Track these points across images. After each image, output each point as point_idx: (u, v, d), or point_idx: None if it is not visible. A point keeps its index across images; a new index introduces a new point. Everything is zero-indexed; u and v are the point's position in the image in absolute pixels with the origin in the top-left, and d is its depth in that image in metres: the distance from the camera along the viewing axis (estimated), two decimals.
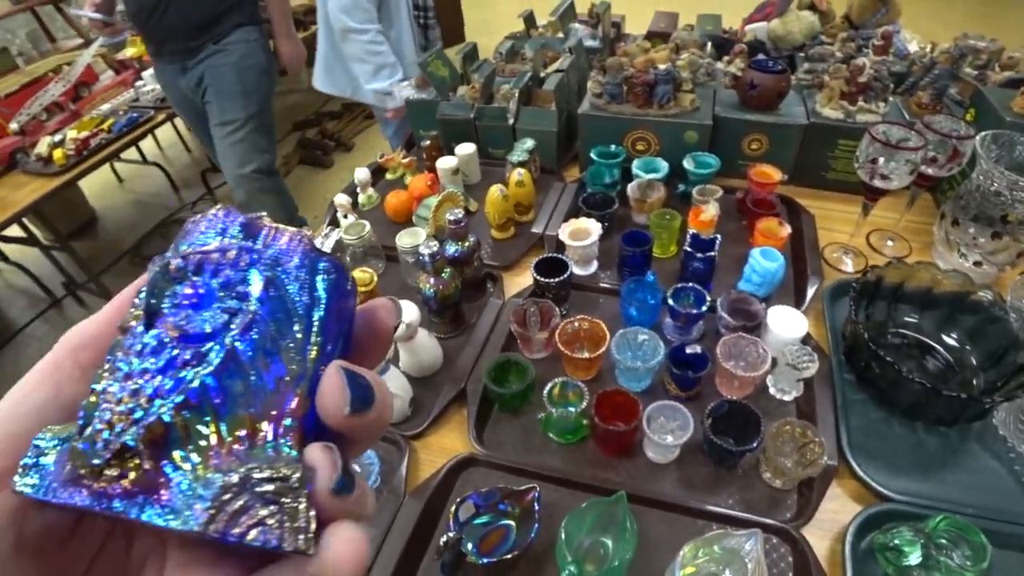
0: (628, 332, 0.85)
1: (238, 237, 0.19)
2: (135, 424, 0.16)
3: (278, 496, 0.16)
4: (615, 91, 1.20)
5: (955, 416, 0.80)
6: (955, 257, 1.03)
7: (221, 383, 0.17)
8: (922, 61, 1.30)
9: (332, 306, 0.20)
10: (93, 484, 0.16)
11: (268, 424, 0.17)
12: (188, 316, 0.18)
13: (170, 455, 0.16)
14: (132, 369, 0.17)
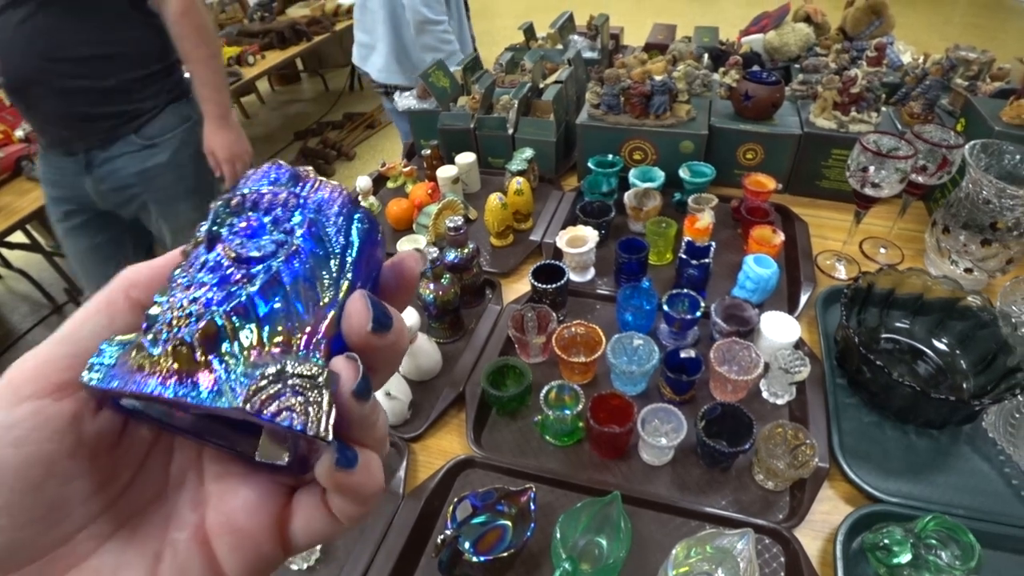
0: (623, 337, 0.87)
1: (287, 185, 0.23)
2: (191, 324, 0.19)
3: (305, 389, 0.18)
4: (612, 102, 1.22)
5: (945, 419, 0.81)
6: (946, 264, 1.04)
7: (265, 299, 0.20)
8: (914, 72, 1.32)
9: (364, 250, 0.23)
10: (152, 372, 0.19)
11: (302, 338, 0.20)
12: (242, 243, 0.21)
13: (219, 350, 0.19)
14: (192, 281, 0.20)
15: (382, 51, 2.12)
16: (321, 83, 4.75)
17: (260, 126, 4.25)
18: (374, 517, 0.74)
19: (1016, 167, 0.99)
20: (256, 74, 2.75)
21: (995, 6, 5.53)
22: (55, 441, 0.19)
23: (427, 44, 1.96)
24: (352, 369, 0.19)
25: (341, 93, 4.51)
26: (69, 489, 0.20)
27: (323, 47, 3.14)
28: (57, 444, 0.19)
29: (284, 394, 0.18)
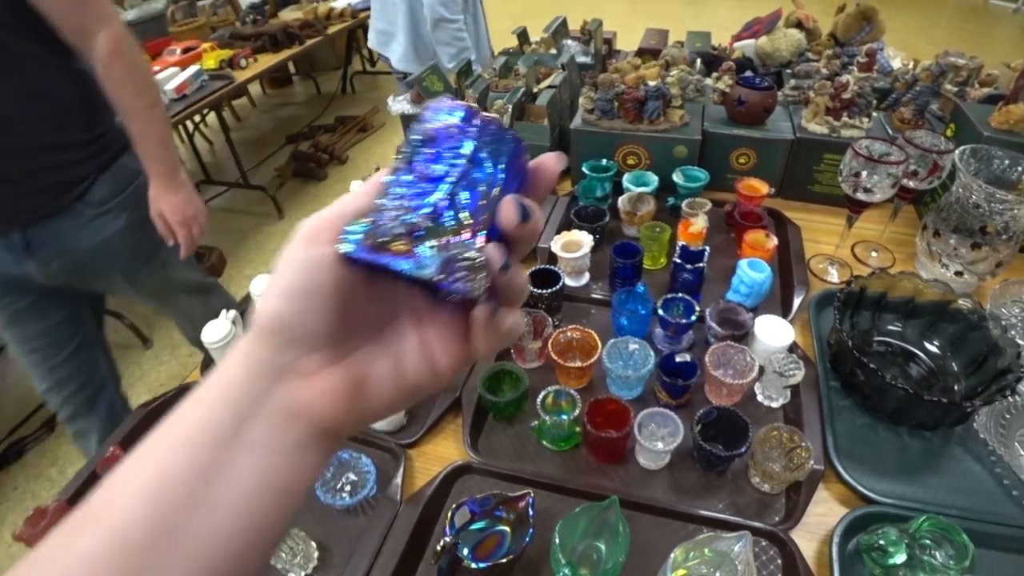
0: (619, 342, 0.87)
1: (459, 118, 0.30)
2: (403, 223, 0.28)
3: (470, 266, 0.28)
4: (606, 107, 1.23)
5: (937, 421, 0.82)
6: (937, 267, 1.05)
7: (449, 204, 0.29)
8: (904, 78, 1.34)
9: (511, 163, 0.31)
10: (380, 251, 0.28)
11: (472, 227, 0.29)
12: (428, 167, 0.30)
13: (419, 240, 0.28)
14: (399, 193, 0.29)
15: (402, 41, 2.29)
16: (313, 86, 4.74)
17: (251, 129, 4.24)
18: (371, 524, 0.74)
19: (1005, 172, 1.00)
20: (248, 77, 2.73)
21: (981, 11, 5.61)
22: (340, 271, 0.29)
23: (442, 39, 2.14)
24: (499, 253, 0.29)
25: (333, 96, 4.50)
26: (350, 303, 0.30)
27: (315, 50, 3.14)
28: (342, 273, 0.29)
29: (458, 271, 0.28)
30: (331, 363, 0.31)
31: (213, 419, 0.29)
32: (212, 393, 0.30)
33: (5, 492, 1.91)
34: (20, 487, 1.93)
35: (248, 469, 0.29)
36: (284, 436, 0.30)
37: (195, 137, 3.52)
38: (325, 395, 0.30)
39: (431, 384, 0.33)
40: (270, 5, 3.38)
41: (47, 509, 0.77)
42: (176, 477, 0.28)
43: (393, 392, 0.32)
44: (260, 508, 0.30)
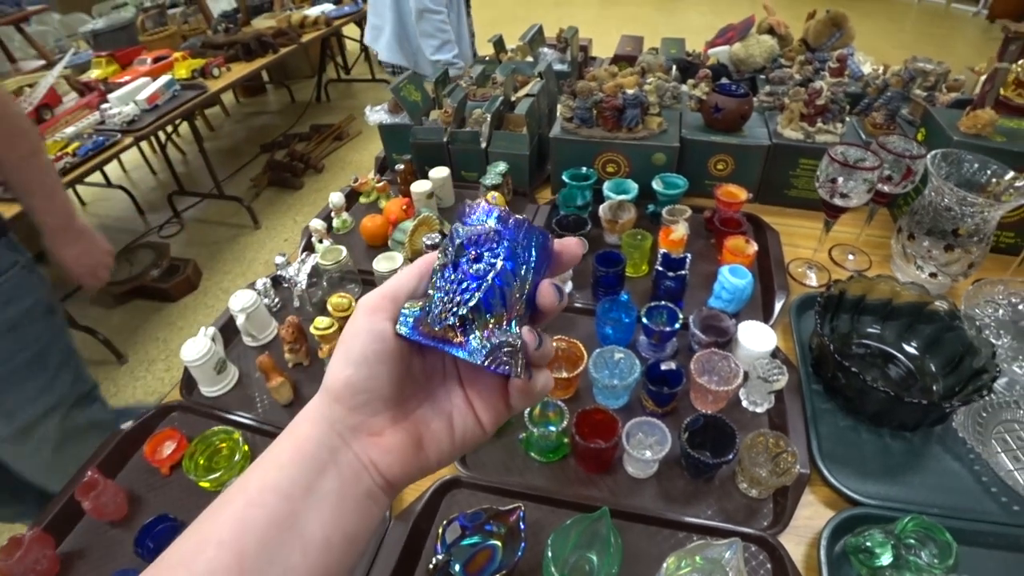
0: (605, 351, 0.88)
1: (494, 221, 0.34)
2: (452, 314, 0.33)
3: (511, 352, 0.33)
4: (585, 115, 1.23)
5: (917, 421, 0.84)
6: (912, 269, 1.08)
7: (488, 300, 0.33)
8: (875, 83, 1.37)
9: (540, 255, 0.35)
10: (432, 335, 0.34)
11: (507, 317, 0.33)
12: (471, 265, 0.34)
13: (468, 328, 0.33)
14: (447, 289, 0.34)
15: (387, 33, 2.41)
16: (287, 94, 4.69)
17: (225, 138, 4.18)
18: None
19: (974, 175, 1.02)
20: (221, 87, 2.69)
21: (944, 15, 5.76)
22: (401, 344, 0.35)
23: (425, 31, 2.25)
24: (533, 337, 0.34)
25: (308, 105, 4.46)
26: (408, 370, 0.36)
27: (289, 58, 3.11)
28: (402, 345, 0.35)
29: (501, 356, 0.33)
30: (395, 423, 0.36)
31: (292, 473, 0.33)
32: (288, 450, 0.34)
33: None
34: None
35: (321, 518, 0.33)
36: (355, 487, 0.34)
37: (168, 148, 3.46)
38: (392, 451, 0.35)
39: (478, 438, 0.38)
40: (242, 13, 3.34)
41: (23, 538, 0.75)
42: (256, 527, 0.31)
43: (447, 446, 0.37)
44: (330, 556, 0.33)
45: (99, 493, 0.80)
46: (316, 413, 0.35)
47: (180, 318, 2.60)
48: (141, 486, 0.88)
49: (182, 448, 0.90)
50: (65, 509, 0.83)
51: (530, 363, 0.34)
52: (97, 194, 3.52)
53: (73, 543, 0.82)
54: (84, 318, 2.45)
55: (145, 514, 0.84)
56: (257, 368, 0.97)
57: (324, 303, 1.11)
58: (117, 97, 2.33)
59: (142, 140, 2.38)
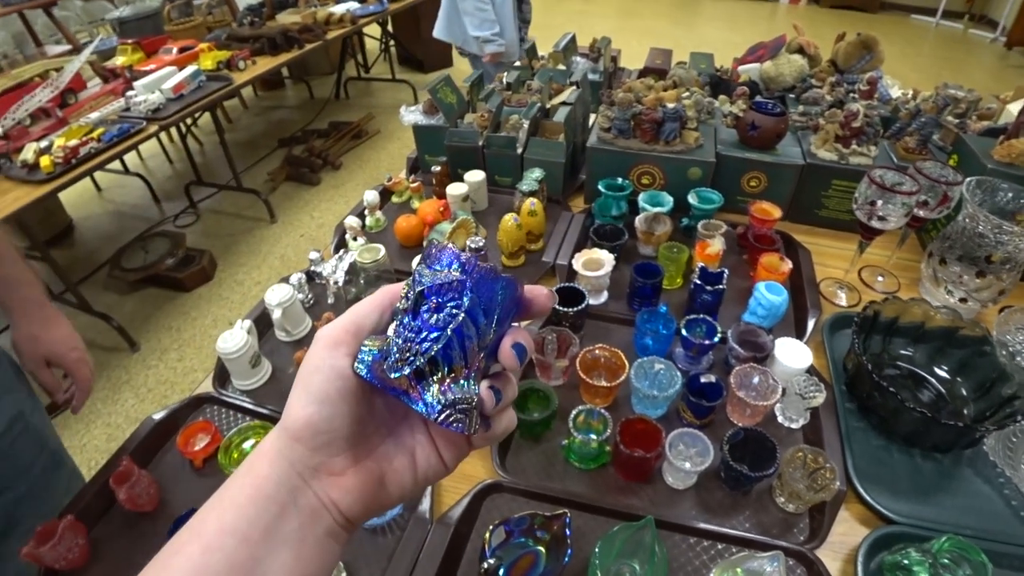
0: (645, 362, 0.89)
1: (458, 270, 0.33)
2: (408, 364, 0.32)
3: (466, 409, 0.32)
4: (623, 126, 1.24)
5: (950, 444, 0.85)
6: (941, 293, 1.09)
7: (446, 352, 0.32)
8: (906, 107, 1.38)
9: (506, 305, 0.35)
10: (388, 381, 0.32)
11: (466, 372, 0.33)
12: (432, 315, 0.33)
13: (423, 381, 0.32)
14: (405, 336, 0.33)
15: (442, 12, 2.73)
16: (306, 90, 4.71)
17: (243, 131, 4.20)
18: (402, 544, 0.74)
19: (1008, 203, 1.04)
20: (245, 80, 2.71)
21: (961, 39, 5.80)
22: (361, 381, 0.33)
23: (465, 8, 2.54)
24: (490, 396, 0.34)
25: (327, 101, 4.48)
26: (370, 407, 0.35)
27: (309, 54, 3.12)
28: (362, 383, 0.33)
29: (455, 413, 0.32)
30: (356, 461, 0.35)
31: (250, 514, 0.32)
32: (246, 489, 0.33)
33: None
34: None
35: (281, 563, 0.32)
36: (314, 528, 0.33)
37: (187, 138, 3.47)
38: (353, 491, 0.34)
39: (440, 474, 0.38)
40: (267, 7, 3.36)
41: (57, 525, 0.75)
42: (215, 572, 0.30)
43: (410, 483, 0.37)
44: None
45: (133, 483, 0.81)
46: (274, 452, 0.33)
47: (194, 308, 2.61)
48: (172, 478, 0.89)
49: (216, 441, 0.90)
50: (98, 497, 0.84)
51: (486, 417, 0.34)
52: (114, 180, 3.54)
53: (103, 531, 0.82)
54: (98, 304, 2.46)
55: (176, 506, 0.85)
56: (293, 363, 0.97)
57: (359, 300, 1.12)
58: (143, 85, 2.35)
59: (166, 129, 2.39)
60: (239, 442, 0.89)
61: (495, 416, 0.35)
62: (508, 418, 0.36)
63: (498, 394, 0.34)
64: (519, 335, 0.35)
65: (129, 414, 2.12)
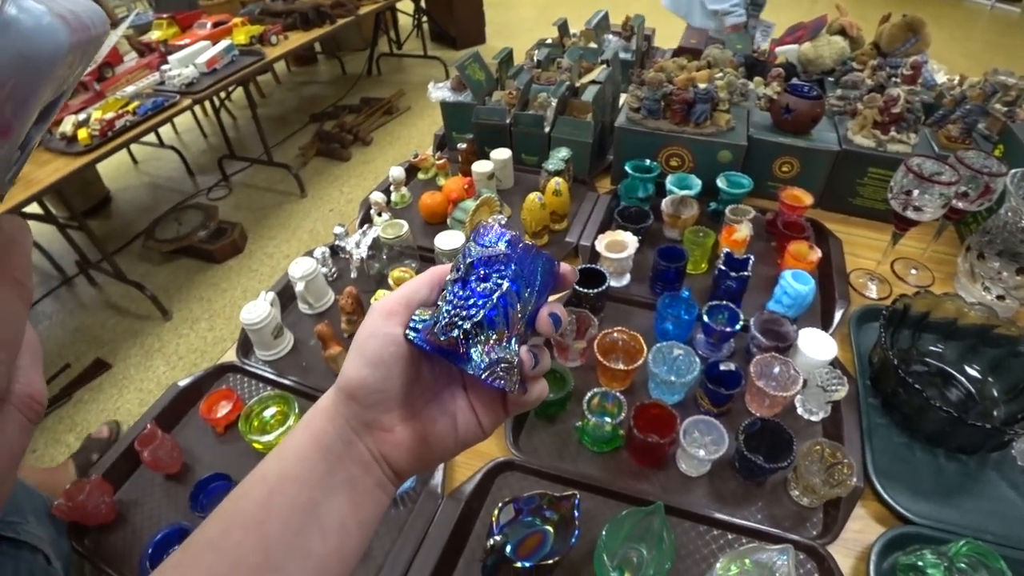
0: (664, 347, 0.87)
1: (504, 246, 0.37)
2: (457, 327, 0.35)
3: (508, 368, 0.35)
4: (653, 107, 1.22)
5: (976, 445, 0.82)
6: (978, 289, 1.05)
7: (491, 317, 0.35)
8: (951, 94, 1.32)
9: (545, 279, 0.38)
10: (438, 343, 0.35)
11: (508, 336, 0.36)
12: (479, 283, 0.36)
13: (470, 341, 0.35)
14: (455, 303, 0.36)
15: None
16: (338, 65, 4.72)
17: (275, 106, 4.23)
18: (413, 517, 0.75)
19: None
20: (277, 55, 2.72)
21: (1017, 24, 5.52)
22: (411, 347, 0.36)
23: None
24: (529, 358, 0.37)
25: (359, 77, 4.49)
26: (418, 372, 0.38)
27: (342, 30, 3.11)
28: (412, 349, 0.37)
29: (498, 371, 0.35)
30: (404, 420, 0.38)
31: (311, 463, 0.36)
32: (306, 442, 0.36)
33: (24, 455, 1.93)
34: (39, 451, 1.96)
35: (337, 506, 0.36)
36: (366, 478, 0.37)
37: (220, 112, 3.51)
38: (400, 446, 0.38)
39: (478, 438, 0.41)
40: None
41: (85, 483, 0.78)
42: (279, 513, 0.34)
43: (451, 443, 0.40)
44: (345, 541, 0.36)
45: (157, 446, 0.83)
46: (332, 409, 0.37)
47: (224, 280, 2.66)
48: (196, 443, 0.91)
49: (237, 409, 0.93)
50: (124, 458, 0.86)
51: (525, 379, 0.37)
52: (149, 153, 3.60)
53: (129, 492, 0.86)
54: (133, 273, 2.52)
55: (198, 470, 0.87)
56: (315, 336, 0.99)
57: (382, 275, 1.13)
58: (177, 59, 2.37)
59: (200, 103, 2.42)
60: (259, 411, 0.91)
61: (531, 381, 0.38)
62: (541, 386, 0.39)
63: (536, 359, 0.37)
64: (555, 306, 0.38)
65: (160, 380, 2.18)
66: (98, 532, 0.80)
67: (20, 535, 0.72)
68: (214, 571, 0.32)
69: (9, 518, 0.71)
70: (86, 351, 2.31)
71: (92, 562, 0.78)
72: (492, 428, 0.41)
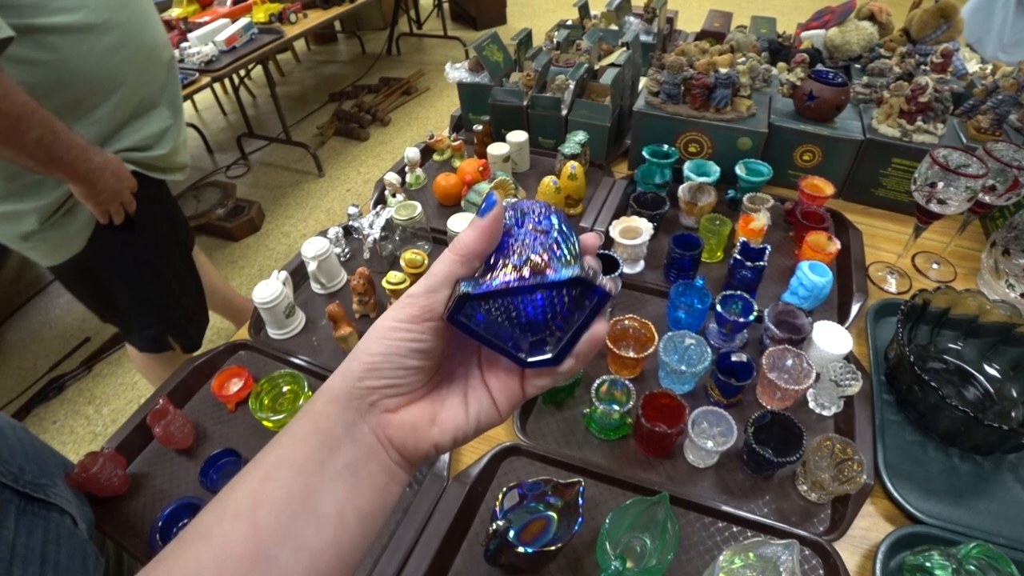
0: (676, 335, 0.86)
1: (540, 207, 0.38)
2: (532, 251, 0.34)
3: (594, 273, 0.34)
4: (673, 91, 1.19)
5: (992, 446, 0.81)
6: (1001, 286, 1.02)
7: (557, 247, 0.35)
8: (982, 83, 1.28)
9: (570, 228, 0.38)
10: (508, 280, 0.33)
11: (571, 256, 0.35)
12: (535, 226, 0.36)
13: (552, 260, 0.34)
14: (522, 241, 0.35)
15: None
16: (358, 45, 4.70)
17: (295, 84, 4.23)
18: (418, 499, 0.75)
19: None
20: (296, 33, 2.71)
21: None
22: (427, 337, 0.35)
23: None
24: (595, 261, 0.36)
25: (378, 56, 4.47)
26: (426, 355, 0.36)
27: (362, 9, 3.09)
28: (428, 339, 0.35)
29: (590, 272, 0.33)
30: (410, 402, 0.36)
31: (307, 448, 0.34)
32: (305, 425, 0.35)
33: (44, 426, 1.98)
34: (59, 422, 2.00)
35: (334, 494, 0.33)
36: (369, 463, 0.35)
37: (239, 90, 3.52)
38: (405, 427, 0.36)
39: (493, 420, 0.38)
40: None
41: (100, 455, 0.79)
42: (271, 501, 0.32)
43: (462, 424, 0.37)
44: (343, 532, 0.34)
45: (168, 421, 0.84)
46: (336, 390, 0.35)
47: (241, 258, 2.68)
48: (207, 419, 0.92)
49: (248, 386, 0.93)
50: (136, 432, 0.88)
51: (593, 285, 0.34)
52: None
53: (141, 465, 0.87)
54: None
55: (209, 446, 0.88)
56: (326, 316, 0.99)
57: (395, 257, 1.12)
58: (197, 37, 2.37)
59: (218, 80, 2.42)
60: (269, 389, 0.91)
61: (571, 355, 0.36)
62: (571, 362, 0.37)
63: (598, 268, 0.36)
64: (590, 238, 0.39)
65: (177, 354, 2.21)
66: (110, 503, 0.82)
67: (50, 497, 0.74)
68: (202, 561, 0.30)
69: (39, 480, 0.74)
70: (105, 325, 2.34)
71: (104, 532, 0.80)
72: (509, 410, 0.39)
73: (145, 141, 1.18)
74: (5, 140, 0.91)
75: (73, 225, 1.14)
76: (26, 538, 0.68)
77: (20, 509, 0.70)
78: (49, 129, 0.96)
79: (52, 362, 2.17)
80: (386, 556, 0.69)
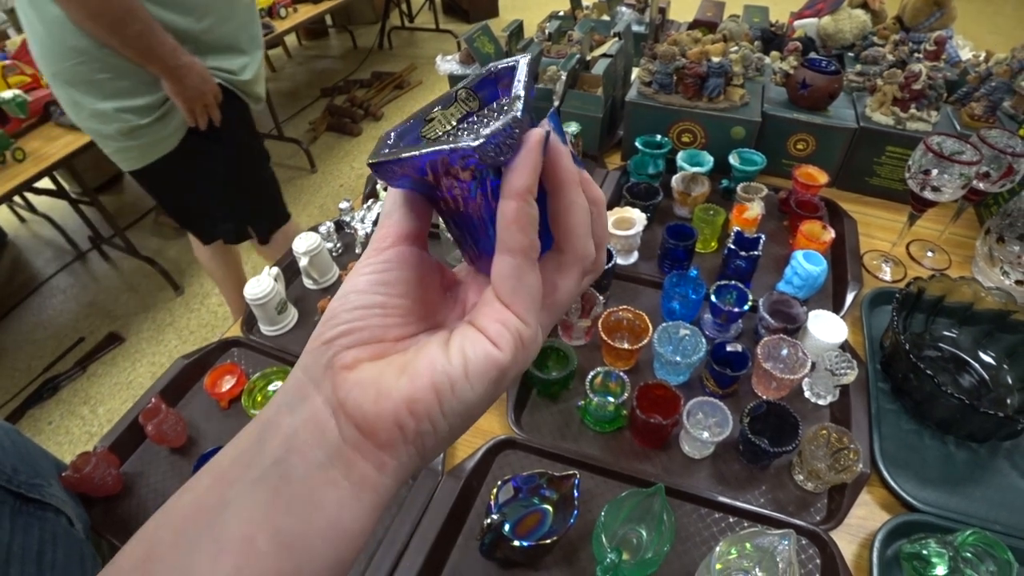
0: (670, 326, 0.86)
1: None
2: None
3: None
4: (665, 80, 1.19)
5: (988, 433, 0.80)
6: (996, 273, 1.02)
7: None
8: (976, 70, 1.28)
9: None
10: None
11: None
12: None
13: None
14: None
15: None
16: (349, 39, 4.67)
17: (286, 80, 4.20)
18: (412, 493, 0.74)
19: None
20: (287, 27, 2.70)
21: None
22: (391, 266, 0.29)
23: None
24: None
25: (370, 51, 4.44)
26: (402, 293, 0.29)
27: (353, 2, 3.08)
28: (393, 267, 0.29)
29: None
30: (379, 355, 0.27)
31: (240, 445, 0.27)
32: (253, 422, 0.28)
33: (40, 427, 1.97)
34: (55, 422, 1.99)
35: (246, 508, 0.24)
36: (306, 452, 0.25)
37: None
38: (363, 382, 0.25)
39: (487, 355, 0.26)
40: None
41: (92, 455, 0.78)
42: (174, 519, 0.25)
43: (440, 362, 0.26)
44: (250, 567, 0.23)
45: (161, 420, 0.84)
46: (299, 363, 0.28)
47: None
48: (200, 417, 0.92)
49: (241, 383, 0.93)
50: (129, 432, 0.87)
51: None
52: None
53: (135, 464, 0.86)
54: (145, 248, 2.54)
55: (202, 444, 0.88)
56: (318, 311, 0.98)
57: None
58: None
59: None
60: (262, 385, 0.91)
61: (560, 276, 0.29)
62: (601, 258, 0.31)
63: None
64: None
65: (172, 354, 2.20)
66: (105, 503, 0.81)
67: (45, 497, 0.74)
68: None
69: (33, 480, 0.74)
70: (100, 325, 2.34)
71: (99, 532, 0.79)
72: (507, 342, 0.26)
73: (229, 65, 1.34)
74: (113, 30, 1.12)
75: (170, 124, 1.30)
76: (22, 538, 0.68)
77: (15, 510, 0.69)
78: (148, 25, 1.15)
79: (46, 363, 2.16)
80: (381, 552, 0.69)
